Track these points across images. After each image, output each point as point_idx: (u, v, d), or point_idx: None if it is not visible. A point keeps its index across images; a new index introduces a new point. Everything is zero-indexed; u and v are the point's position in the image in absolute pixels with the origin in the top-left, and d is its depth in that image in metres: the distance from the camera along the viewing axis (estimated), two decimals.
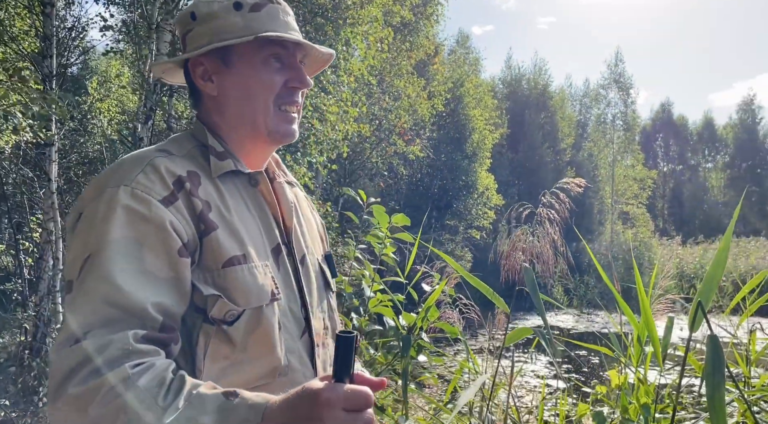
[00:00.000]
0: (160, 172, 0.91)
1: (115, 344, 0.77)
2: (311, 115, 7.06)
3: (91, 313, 0.79)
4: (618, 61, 28.86)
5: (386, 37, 8.74)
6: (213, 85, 1.03)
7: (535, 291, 1.74)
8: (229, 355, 0.90)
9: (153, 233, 0.86)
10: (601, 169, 28.24)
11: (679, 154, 43.33)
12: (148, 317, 0.81)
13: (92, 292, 0.81)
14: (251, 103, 1.01)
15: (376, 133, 12.83)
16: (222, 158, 1.00)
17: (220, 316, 0.89)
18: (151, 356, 0.80)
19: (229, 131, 1.04)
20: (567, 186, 1.91)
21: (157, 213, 0.87)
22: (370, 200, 3.09)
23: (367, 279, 2.88)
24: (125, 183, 0.88)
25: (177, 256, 0.87)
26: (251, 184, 1.03)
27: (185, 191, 0.91)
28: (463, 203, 17.67)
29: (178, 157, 0.96)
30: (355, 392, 0.75)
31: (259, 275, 0.94)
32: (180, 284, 0.87)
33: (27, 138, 6.33)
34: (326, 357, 1.06)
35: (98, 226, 0.85)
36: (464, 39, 23.88)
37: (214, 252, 0.91)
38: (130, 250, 0.84)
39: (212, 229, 0.91)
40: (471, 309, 2.50)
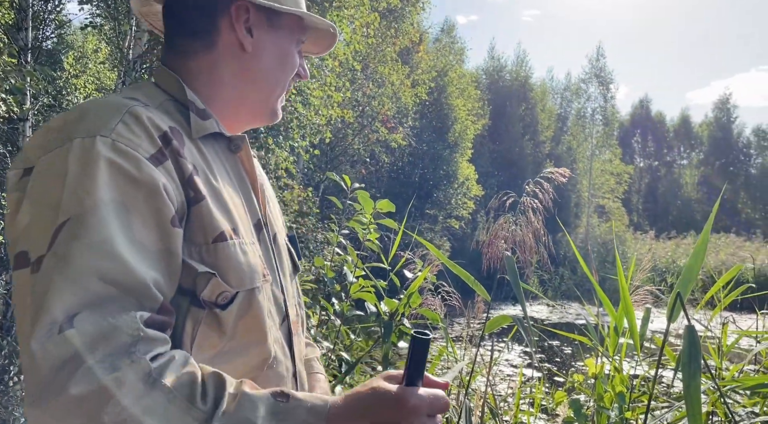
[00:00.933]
0: (144, 124, 0.74)
1: (122, 330, 0.62)
2: (294, 99, 6.99)
3: (82, 290, 0.62)
4: (599, 56, 29.14)
5: (372, 22, 8.66)
6: (251, 40, 0.89)
7: (515, 280, 1.75)
8: (216, 344, 0.77)
9: (143, 198, 0.70)
10: (580, 163, 28.61)
11: (655, 150, 44.08)
12: (148, 297, 0.67)
13: (80, 265, 0.63)
14: (278, 75, 0.94)
15: (359, 120, 12.78)
16: (204, 117, 0.85)
17: (212, 298, 0.76)
18: (162, 345, 0.66)
19: (228, 92, 0.90)
20: (551, 176, 1.92)
21: (149, 173, 0.71)
22: (354, 186, 3.08)
23: (349, 264, 2.88)
24: (102, 133, 0.70)
25: (170, 226, 0.72)
26: (231, 149, 0.90)
27: (173, 150, 0.76)
28: (443, 193, 17.75)
29: (154, 109, 0.80)
30: (437, 398, 0.72)
31: (250, 252, 0.82)
32: (172, 259, 0.72)
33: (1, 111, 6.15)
34: (301, 347, 0.96)
35: (74, 185, 0.67)
36: (450, 28, 23.84)
37: (204, 224, 0.76)
38: (119, 215, 0.68)
39: (202, 197, 0.77)
40: (453, 296, 2.52)
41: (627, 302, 1.74)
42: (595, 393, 2.27)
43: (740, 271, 2.30)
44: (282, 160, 6.89)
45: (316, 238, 9.10)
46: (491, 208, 1.97)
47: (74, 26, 15.95)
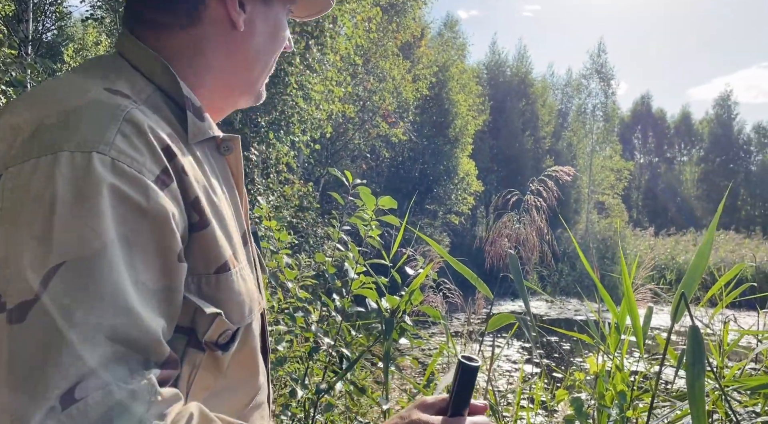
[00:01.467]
0: (146, 136, 0.60)
1: (141, 395, 0.53)
2: (296, 94, 6.96)
3: (89, 354, 0.51)
4: (600, 51, 29.06)
5: (374, 17, 8.63)
6: (244, 16, 0.76)
7: (519, 278, 1.75)
8: (210, 385, 0.68)
9: (148, 230, 0.58)
10: (580, 159, 28.60)
11: (656, 146, 44.06)
12: (156, 351, 0.57)
13: (88, 322, 0.52)
14: (270, 53, 0.82)
15: (360, 115, 12.75)
16: (201, 117, 0.72)
17: (213, 339, 0.65)
18: (175, 402, 0.57)
19: (216, 74, 0.77)
20: (555, 174, 1.92)
21: (157, 202, 0.58)
22: (356, 182, 3.07)
23: (350, 261, 2.87)
24: (99, 149, 0.56)
25: (176, 261, 0.60)
26: (220, 151, 0.76)
27: (176, 167, 0.63)
28: (443, 188, 17.74)
29: (147, 109, 0.66)
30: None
31: (248, 278, 0.72)
32: (173, 297, 0.61)
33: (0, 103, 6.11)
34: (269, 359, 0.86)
35: (69, 216, 0.53)
36: (452, 23, 23.76)
37: (207, 253, 0.65)
38: (125, 255, 0.56)
39: (207, 223, 0.65)
40: (454, 293, 2.52)
41: (631, 301, 1.74)
42: (596, 391, 2.27)
43: (741, 269, 2.30)
44: (283, 155, 6.88)
45: (316, 233, 9.09)
46: (495, 206, 1.96)
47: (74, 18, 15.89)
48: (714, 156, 40.85)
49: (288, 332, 3.06)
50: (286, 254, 3.23)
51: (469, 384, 0.71)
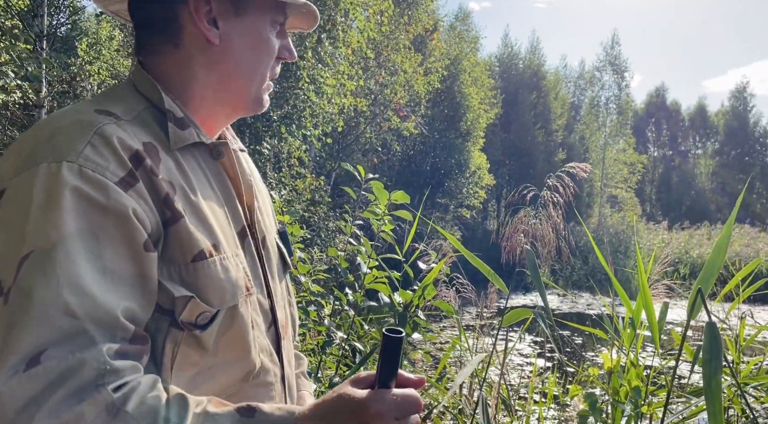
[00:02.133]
0: (113, 145, 0.72)
1: (88, 364, 0.62)
2: (307, 88, 6.96)
3: (47, 326, 0.62)
4: (614, 43, 28.74)
5: (386, 10, 8.59)
6: (217, 31, 0.84)
7: (536, 274, 1.74)
8: (198, 361, 0.76)
9: (112, 225, 0.68)
10: (592, 152, 28.36)
11: (670, 139, 43.57)
12: (118, 327, 0.66)
13: (46, 300, 0.63)
14: (254, 64, 0.87)
15: (371, 108, 12.73)
16: (183, 126, 0.82)
17: (191, 319, 0.74)
18: (130, 373, 0.66)
19: (203, 89, 0.86)
20: (573, 170, 1.90)
21: (117, 200, 0.69)
22: (369, 176, 3.07)
23: (363, 255, 2.88)
24: (69, 158, 0.69)
25: (143, 251, 0.71)
26: (213, 156, 0.86)
27: (145, 170, 0.73)
28: (454, 182, 17.69)
29: (128, 123, 0.77)
30: (406, 399, 0.70)
31: (232, 267, 0.80)
32: (146, 284, 0.71)
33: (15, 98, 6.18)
34: (290, 350, 0.95)
35: (39, 215, 0.66)
36: (464, 15, 23.59)
37: (182, 244, 0.75)
38: (87, 246, 0.66)
39: (179, 216, 0.75)
40: (467, 288, 2.51)
41: (647, 296, 1.73)
42: (610, 387, 2.26)
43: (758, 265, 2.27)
44: (295, 149, 6.89)
45: (328, 226, 9.12)
46: (510, 202, 1.96)
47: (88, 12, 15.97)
48: (729, 149, 40.31)
49: (301, 325, 3.08)
50: (299, 248, 3.24)
51: (394, 356, 0.71)
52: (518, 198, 2.03)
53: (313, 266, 3.24)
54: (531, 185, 2.03)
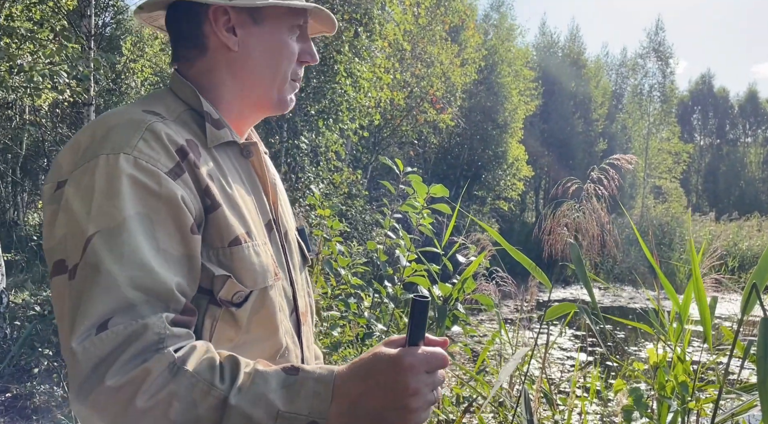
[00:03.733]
0: (162, 140, 0.81)
1: (151, 329, 0.71)
2: (344, 82, 6.99)
3: (115, 297, 0.71)
4: (658, 29, 27.77)
5: (423, 1, 8.52)
6: (236, 39, 0.93)
7: (582, 269, 1.72)
8: (233, 338, 0.85)
9: (164, 209, 0.78)
10: (635, 142, 27.56)
11: (717, 127, 41.93)
12: (173, 300, 0.75)
13: (112, 274, 0.72)
14: (273, 67, 0.95)
15: (407, 101, 12.69)
16: (218, 127, 0.92)
17: (228, 297, 0.83)
18: (186, 338, 0.74)
19: (229, 92, 0.96)
20: (618, 163, 1.86)
21: (167, 187, 0.78)
22: (407, 169, 3.08)
23: (402, 249, 2.89)
24: (125, 151, 0.78)
25: (190, 233, 0.80)
26: (243, 155, 0.96)
27: (189, 162, 0.83)
28: (491, 174, 17.49)
29: (171, 122, 0.87)
30: (434, 354, 0.76)
31: (263, 253, 0.89)
32: (193, 263, 0.80)
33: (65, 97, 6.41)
34: (309, 335, 1.03)
35: (102, 199, 0.75)
36: (499, 3, 23.20)
37: (221, 230, 0.84)
38: (145, 227, 0.76)
39: (218, 205, 0.84)
40: (507, 281, 2.50)
41: (700, 291, 1.69)
42: (656, 382, 2.22)
43: None
44: (332, 143, 6.94)
45: (365, 220, 9.17)
46: (553, 195, 1.93)
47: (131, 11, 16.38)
48: None
49: (341, 317, 3.12)
50: (338, 241, 3.28)
51: (422, 317, 0.77)
52: (561, 191, 2.00)
53: (352, 259, 3.28)
54: (574, 178, 1.99)
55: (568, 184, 1.96)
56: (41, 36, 5.47)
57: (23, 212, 12.19)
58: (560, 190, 1.99)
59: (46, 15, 6.98)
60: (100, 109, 10.40)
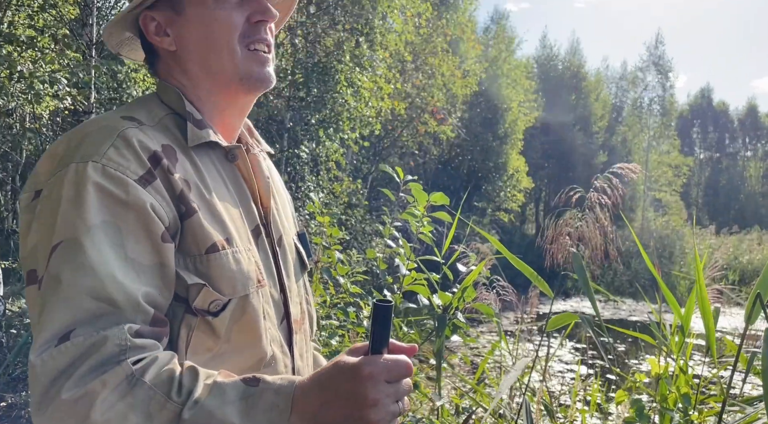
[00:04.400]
0: (134, 147, 0.79)
1: (111, 340, 0.69)
2: (345, 91, 7.01)
3: (75, 308, 0.70)
4: (658, 43, 27.96)
5: (424, 12, 8.58)
6: (170, 38, 0.90)
7: (585, 279, 1.70)
8: (212, 347, 0.82)
9: (133, 217, 0.76)
10: (635, 155, 27.61)
11: (717, 141, 42.06)
12: (139, 310, 0.73)
13: (73, 284, 0.70)
14: (213, 49, 0.90)
15: (408, 111, 12.72)
16: (200, 127, 0.89)
17: (204, 306, 0.80)
18: (150, 350, 0.72)
19: (196, 90, 0.92)
20: (621, 171, 1.85)
21: (135, 195, 0.76)
22: (407, 178, 3.07)
23: (401, 257, 2.87)
24: (94, 159, 0.76)
25: (160, 241, 0.77)
26: (228, 159, 0.92)
27: (162, 169, 0.81)
28: (492, 185, 17.50)
29: (149, 128, 0.85)
30: (396, 363, 0.73)
31: (244, 260, 0.85)
32: (165, 272, 0.78)
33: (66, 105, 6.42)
34: (303, 344, 0.99)
35: (67, 208, 0.74)
36: (501, 17, 23.37)
37: (197, 236, 0.81)
38: (110, 236, 0.74)
39: (193, 211, 0.81)
40: (508, 291, 2.47)
41: (704, 302, 1.66)
42: (658, 394, 2.19)
43: None
44: (332, 152, 6.94)
45: (364, 229, 9.14)
46: (557, 204, 1.91)
47: None
48: None
49: (340, 326, 3.09)
50: (338, 249, 3.26)
51: (385, 322, 0.74)
52: (563, 200, 1.99)
53: (351, 268, 3.25)
54: (577, 186, 1.97)
55: (570, 192, 1.94)
56: (42, 43, 5.48)
57: None
58: (563, 198, 1.97)
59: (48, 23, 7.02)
60: None
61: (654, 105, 28.01)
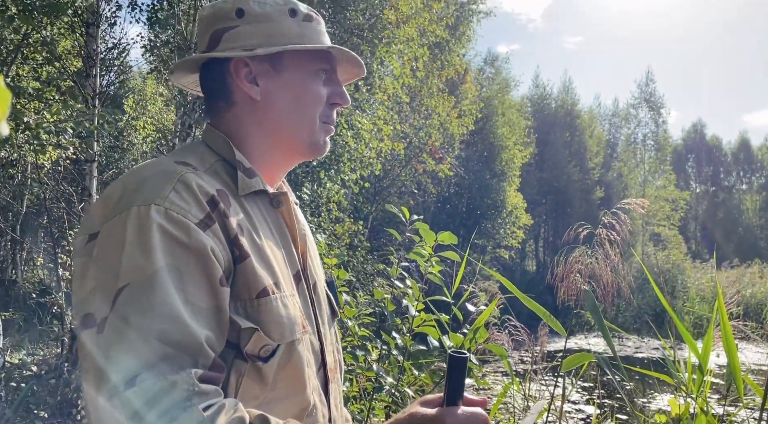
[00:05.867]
0: (193, 191, 0.81)
1: (179, 386, 0.69)
2: (346, 133, 7.11)
3: (143, 351, 0.70)
4: (649, 80, 28.58)
5: (421, 56, 8.80)
6: (258, 88, 0.93)
7: (599, 317, 1.68)
8: (258, 394, 0.82)
9: (193, 261, 0.76)
10: (632, 190, 27.81)
11: (712, 175, 42.43)
12: (202, 354, 0.73)
13: (140, 327, 0.71)
14: (300, 113, 0.95)
15: (406, 151, 12.87)
16: (250, 176, 0.92)
17: (254, 352, 0.80)
18: (215, 396, 0.72)
19: (258, 141, 0.95)
20: (629, 207, 1.85)
21: (197, 239, 0.77)
22: (413, 217, 3.07)
23: (410, 297, 2.84)
24: (156, 202, 0.78)
25: (218, 285, 0.78)
26: (273, 205, 0.95)
27: (219, 213, 0.82)
28: (491, 223, 17.53)
29: (203, 172, 0.87)
30: (475, 415, 0.74)
31: (290, 305, 0.86)
32: (221, 317, 0.78)
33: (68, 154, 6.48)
34: (337, 394, 0.99)
35: (132, 251, 0.75)
36: (493, 58, 23.93)
37: (248, 281, 0.82)
38: (174, 279, 0.75)
39: (246, 255, 0.83)
40: (520, 331, 2.44)
41: (730, 341, 1.64)
42: None
43: None
44: (335, 193, 6.98)
45: (366, 270, 9.10)
46: (565, 241, 1.91)
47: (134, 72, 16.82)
48: None
49: (349, 371, 3.03)
50: (344, 291, 3.23)
51: (460, 374, 0.75)
52: (571, 237, 1.98)
53: (358, 310, 3.22)
54: (585, 223, 1.98)
55: (579, 229, 1.94)
56: (47, 95, 5.58)
57: (21, 270, 12.09)
58: (570, 235, 1.97)
59: (52, 75, 7.16)
60: (102, 165, 10.51)
61: (648, 140, 28.41)
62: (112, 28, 9.89)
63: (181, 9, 8.20)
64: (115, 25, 9.37)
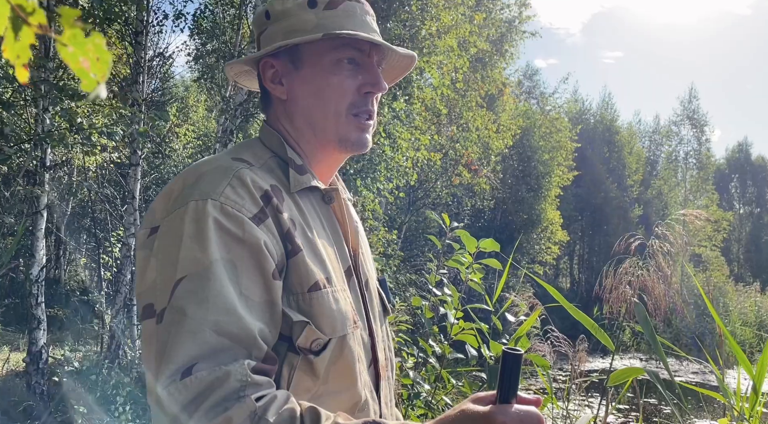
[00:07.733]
0: (248, 186, 0.83)
1: (233, 376, 0.70)
2: (383, 142, 7.14)
3: (199, 342, 0.72)
4: (692, 97, 27.90)
5: (461, 67, 8.80)
6: (283, 88, 0.95)
7: (650, 331, 1.63)
8: (311, 388, 0.83)
9: (247, 254, 0.78)
10: (671, 208, 27.04)
11: (757, 196, 40.93)
12: (255, 346, 0.75)
13: (197, 318, 0.72)
14: (321, 108, 0.93)
15: (442, 163, 12.85)
16: (301, 172, 0.92)
17: (306, 345, 0.81)
18: (267, 387, 0.73)
19: (298, 139, 0.96)
20: (684, 218, 1.80)
21: (251, 233, 0.79)
22: (454, 225, 3.05)
23: (449, 305, 2.82)
24: (213, 197, 0.80)
25: (271, 279, 0.80)
26: (325, 201, 0.96)
27: (273, 208, 0.84)
28: (526, 237, 17.29)
29: (258, 168, 0.89)
30: (528, 414, 0.72)
31: (341, 300, 0.87)
32: (275, 309, 0.80)
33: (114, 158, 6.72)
34: (387, 391, 0.98)
35: (189, 244, 0.77)
36: (533, 72, 23.75)
37: (301, 275, 0.83)
38: (229, 272, 0.76)
39: (299, 249, 0.84)
40: (562, 342, 2.39)
41: None
42: None
43: None
44: (370, 202, 7.01)
45: (398, 279, 9.08)
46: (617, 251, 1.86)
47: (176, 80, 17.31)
48: None
49: None
50: None
51: (515, 372, 0.73)
52: (622, 248, 1.93)
53: (395, 316, 3.20)
54: (636, 234, 1.92)
55: (630, 239, 1.89)
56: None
57: (65, 269, 12.50)
58: (621, 246, 1.92)
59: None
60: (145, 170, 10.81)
61: (690, 159, 27.67)
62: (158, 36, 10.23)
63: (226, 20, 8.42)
64: (161, 34, 9.67)
